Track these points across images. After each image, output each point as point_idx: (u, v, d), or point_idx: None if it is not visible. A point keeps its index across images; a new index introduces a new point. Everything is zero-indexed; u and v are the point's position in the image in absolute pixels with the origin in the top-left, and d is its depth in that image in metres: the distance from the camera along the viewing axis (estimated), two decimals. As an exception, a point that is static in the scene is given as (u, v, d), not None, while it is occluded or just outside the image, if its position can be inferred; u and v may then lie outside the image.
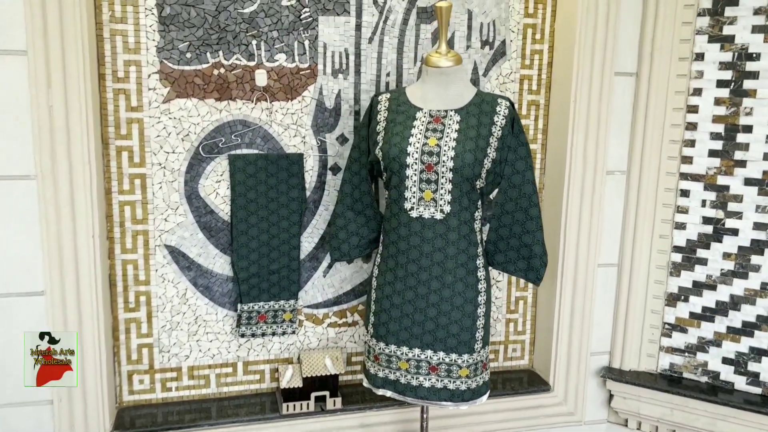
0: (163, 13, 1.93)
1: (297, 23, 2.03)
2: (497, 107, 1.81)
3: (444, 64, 1.78)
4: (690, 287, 2.29)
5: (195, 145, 2.03)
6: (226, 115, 2.04)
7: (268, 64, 2.04)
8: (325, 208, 2.19)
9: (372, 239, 1.97)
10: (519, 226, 1.85)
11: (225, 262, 2.12)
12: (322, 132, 2.13)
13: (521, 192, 1.83)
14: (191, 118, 2.01)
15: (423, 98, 1.82)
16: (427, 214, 1.74)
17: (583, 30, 2.13)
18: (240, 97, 2.04)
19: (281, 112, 2.08)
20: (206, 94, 2.01)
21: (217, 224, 2.10)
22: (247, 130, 2.06)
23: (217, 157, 2.05)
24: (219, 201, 2.08)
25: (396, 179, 1.76)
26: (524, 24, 2.25)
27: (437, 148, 1.73)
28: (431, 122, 1.77)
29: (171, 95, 1.98)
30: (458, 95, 1.81)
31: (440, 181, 1.73)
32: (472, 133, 1.75)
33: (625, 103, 2.26)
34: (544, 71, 2.30)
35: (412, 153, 1.73)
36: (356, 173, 1.93)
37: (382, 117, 1.85)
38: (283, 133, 2.10)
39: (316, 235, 2.20)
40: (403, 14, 2.12)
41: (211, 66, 1.99)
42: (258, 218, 2.08)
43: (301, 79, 2.08)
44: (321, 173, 2.16)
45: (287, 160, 2.09)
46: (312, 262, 2.21)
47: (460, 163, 1.71)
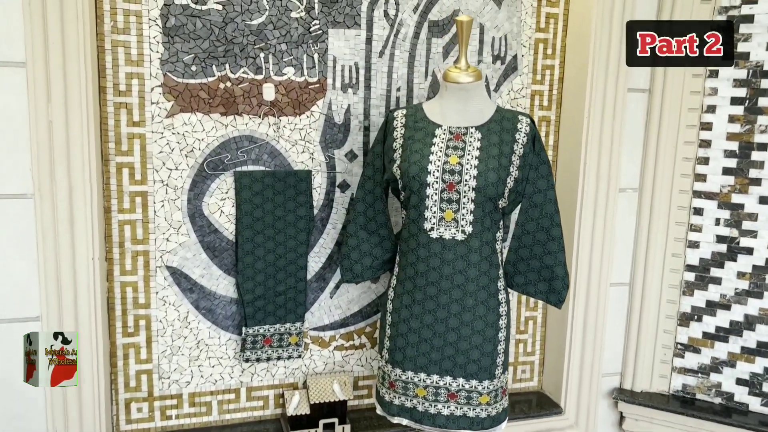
0: (168, 24, 1.84)
1: (306, 36, 1.96)
2: (518, 124, 1.75)
3: (464, 79, 1.73)
4: (703, 307, 2.25)
5: (199, 161, 1.94)
6: (232, 130, 1.95)
7: (276, 78, 1.96)
8: (332, 227, 2.11)
9: (386, 260, 1.89)
10: (540, 247, 1.79)
11: (229, 283, 2.03)
12: (331, 148, 2.06)
13: (543, 211, 1.78)
14: (196, 133, 1.92)
15: (442, 114, 1.76)
16: (448, 235, 1.68)
17: (597, 46, 2.10)
18: (247, 111, 1.96)
19: (289, 127, 2.00)
20: (212, 109, 1.92)
21: (222, 244, 2.01)
22: (254, 146, 1.98)
23: (223, 174, 1.97)
24: (224, 220, 1.99)
25: (415, 199, 1.69)
26: (536, 39, 2.20)
27: (459, 166, 1.67)
28: (451, 139, 1.71)
29: (175, 109, 1.89)
30: (479, 112, 1.75)
31: (462, 201, 1.66)
32: (494, 151, 1.69)
33: (637, 119, 2.23)
34: (555, 87, 2.26)
35: (432, 171, 1.67)
36: (370, 191, 1.86)
37: (398, 134, 1.78)
38: (291, 149, 2.02)
39: (323, 254, 2.12)
40: (414, 28, 2.06)
41: (217, 79, 1.91)
42: (264, 237, 2.00)
43: (310, 93, 2.01)
44: (329, 190, 2.09)
45: (295, 177, 2.01)
46: (319, 283, 2.13)
47: (483, 183, 1.65)
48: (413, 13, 2.05)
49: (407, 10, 2.04)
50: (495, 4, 2.13)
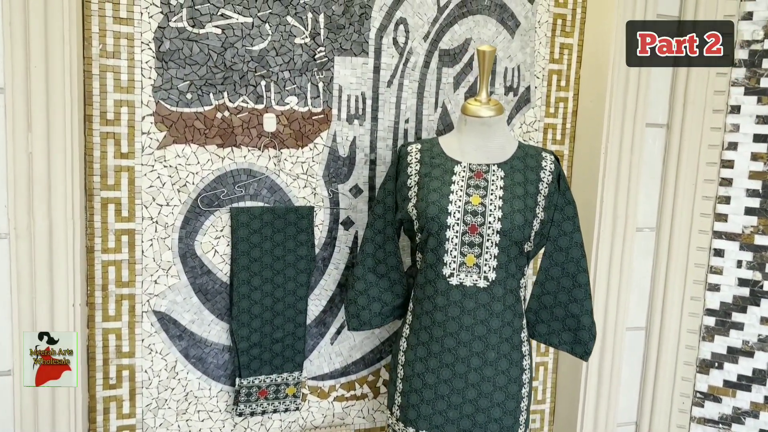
0: (162, 48, 1.70)
1: (311, 63, 1.83)
2: (542, 162, 1.63)
3: (485, 113, 1.60)
4: (724, 353, 2.13)
5: (193, 196, 1.78)
6: (229, 163, 1.80)
7: (278, 108, 1.82)
8: (335, 267, 1.96)
9: (396, 306, 1.74)
10: (565, 294, 1.66)
11: (222, 329, 1.86)
12: (335, 183, 1.92)
13: (568, 256, 1.65)
14: (189, 166, 1.77)
15: (461, 150, 1.63)
16: (469, 282, 1.54)
17: (615, 78, 1.99)
18: (245, 143, 1.81)
19: (290, 160, 1.86)
20: (207, 140, 1.77)
21: (215, 286, 1.84)
22: (253, 180, 1.83)
23: (218, 210, 1.81)
24: (218, 260, 1.83)
25: (434, 242, 1.55)
26: (549, 70, 2.10)
27: (482, 207, 1.53)
28: (472, 178, 1.58)
29: (167, 140, 1.74)
30: (500, 148, 1.62)
31: (485, 245, 1.53)
32: (519, 191, 1.56)
33: (655, 156, 2.13)
34: (569, 120, 2.15)
35: (453, 212, 1.53)
36: (380, 231, 1.71)
37: (413, 170, 1.64)
38: (292, 183, 1.87)
39: (324, 296, 1.96)
40: (425, 57, 1.94)
41: (214, 108, 1.76)
42: (262, 279, 1.84)
43: (314, 124, 1.87)
44: (332, 228, 1.94)
45: (296, 214, 1.86)
46: (319, 328, 1.97)
47: (509, 225, 1.52)
48: (423, 41, 1.93)
49: (417, 38, 1.92)
50: (508, 33, 2.02)
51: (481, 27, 1.99)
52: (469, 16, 1.97)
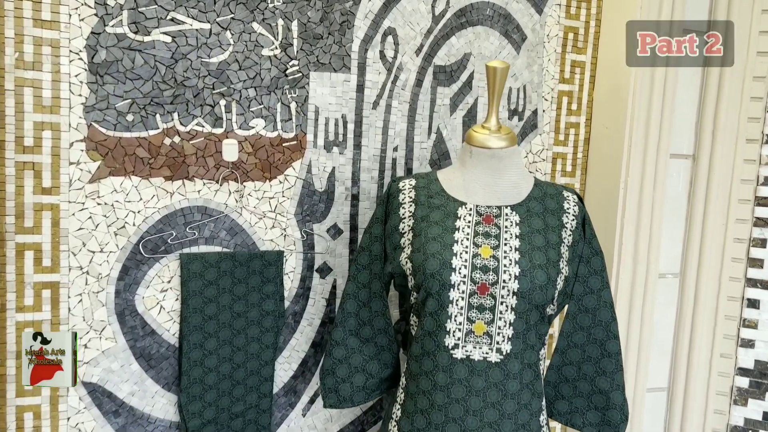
0: (96, 59, 1.37)
1: (281, 80, 1.52)
2: (564, 203, 1.33)
3: (495, 144, 1.30)
4: (759, 419, 1.84)
5: (133, 241, 1.45)
6: (179, 199, 1.47)
7: (241, 132, 1.50)
8: (308, 323, 1.63)
9: (384, 378, 1.42)
10: (592, 365, 1.36)
11: (169, 402, 1.52)
12: (309, 222, 1.60)
13: (596, 318, 1.35)
14: (130, 203, 1.44)
15: (465, 189, 1.32)
16: (478, 355, 1.22)
17: (638, 101, 1.72)
18: (200, 175, 1.48)
19: (256, 195, 1.54)
20: (153, 171, 1.44)
21: (161, 350, 1.50)
22: (209, 219, 1.50)
23: (164, 257, 1.48)
24: (164, 318, 1.49)
25: (434, 304, 1.23)
26: (559, 91, 1.81)
27: (493, 261, 1.22)
28: (480, 223, 1.27)
29: (102, 172, 1.41)
30: (513, 186, 1.32)
31: (499, 309, 1.22)
32: (538, 241, 1.26)
33: (679, 191, 1.85)
34: (580, 149, 1.86)
35: (458, 268, 1.22)
36: (365, 285, 1.39)
37: (406, 211, 1.33)
38: (257, 223, 1.55)
39: (295, 359, 1.63)
40: (417, 73, 1.64)
41: (161, 133, 1.44)
42: (218, 342, 1.50)
43: (284, 152, 1.55)
44: (305, 276, 1.61)
45: (261, 261, 1.53)
46: (288, 397, 1.64)
47: (529, 285, 1.21)
48: (415, 55, 1.63)
49: (408, 51, 1.63)
50: (513, 48, 1.73)
51: (482, 40, 1.70)
52: (468, 27, 1.68)
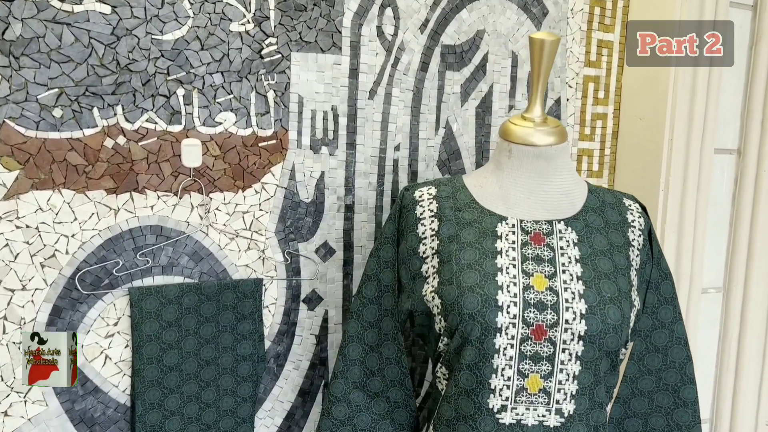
0: (8, 35, 1.03)
1: (256, 62, 1.19)
2: (627, 214, 1.05)
3: (542, 140, 1.00)
4: (817, 453, 1.61)
5: (66, 274, 1.11)
6: (126, 218, 1.14)
7: (205, 130, 1.17)
8: (294, 366, 1.32)
9: (399, 442, 1.12)
10: (662, 418, 1.08)
11: (120, 478, 1.19)
12: (294, 241, 1.28)
13: (667, 359, 1.07)
14: (61, 225, 1.10)
15: (504, 198, 1.02)
16: (533, 419, 0.93)
17: (680, 87, 1.45)
18: (153, 186, 1.15)
19: (225, 210, 1.21)
20: (91, 183, 1.11)
21: (107, 413, 1.17)
22: (166, 243, 1.17)
23: (109, 293, 1.14)
24: (110, 371, 1.16)
25: (473, 353, 0.93)
26: (584, 76, 1.54)
27: (551, 295, 0.93)
28: (528, 244, 0.97)
29: (21, 185, 1.06)
30: (565, 194, 1.03)
31: (559, 358, 0.92)
32: (605, 265, 0.97)
33: (723, 192, 1.59)
34: (608, 144, 1.59)
35: (505, 305, 0.92)
36: (372, 325, 1.08)
37: (427, 229, 1.03)
38: (228, 245, 1.22)
39: (278, 411, 1.32)
40: (422, 55, 1.34)
41: (100, 132, 1.10)
42: (182, 399, 1.18)
43: (261, 154, 1.23)
44: (290, 308, 1.30)
45: (235, 293, 1.21)
46: (272, 458, 1.32)
47: (600, 326, 0.92)
48: (419, 32, 1.33)
49: (411, 27, 1.32)
50: (533, 23, 1.44)
51: (498, 15, 1.41)
52: (481, -2, 1.38)
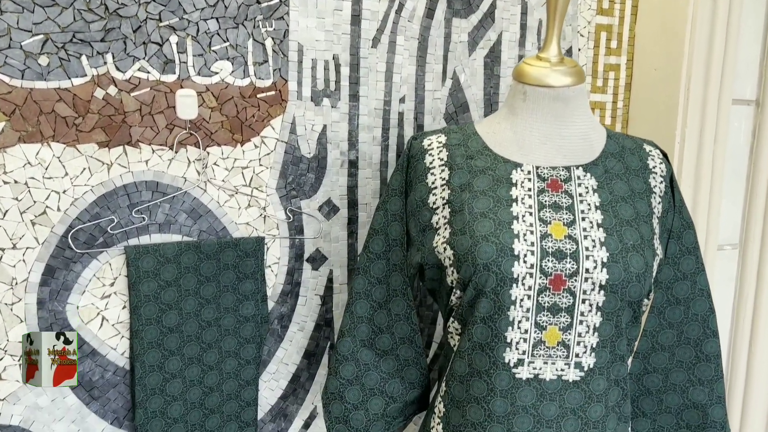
0: (-11, -24, 0.96)
1: (252, 8, 1.13)
2: (648, 160, 1.00)
3: (559, 80, 0.94)
4: (834, 412, 1.58)
5: (59, 232, 1.06)
6: (120, 173, 1.08)
7: (200, 80, 1.11)
8: (299, 328, 1.27)
9: (410, 401, 1.07)
10: (683, 373, 1.04)
11: (121, 443, 1.15)
12: (296, 198, 1.23)
13: (689, 312, 1.02)
14: (51, 181, 1.04)
15: (518, 144, 0.96)
16: (551, 373, 0.88)
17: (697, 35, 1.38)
18: (147, 139, 1.09)
19: (224, 165, 1.16)
20: (81, 136, 1.05)
21: (105, 376, 1.12)
22: (162, 199, 1.12)
23: (104, 252, 1.09)
24: (108, 333, 1.11)
25: (488, 306, 0.88)
26: (596, 25, 1.47)
27: (570, 243, 0.88)
28: (545, 191, 0.92)
29: (8, 138, 1.01)
30: (583, 139, 0.97)
31: (579, 309, 0.87)
32: (626, 212, 0.92)
33: (740, 145, 1.53)
34: (621, 96, 1.53)
35: (522, 254, 0.87)
36: (380, 281, 1.04)
37: (437, 179, 0.97)
38: (228, 202, 1.17)
39: (283, 374, 1.28)
40: (427, 0, 1.27)
41: (90, 82, 1.04)
42: (183, 361, 1.14)
43: (260, 106, 1.17)
44: (293, 268, 1.25)
45: (236, 251, 1.16)
46: (277, 423, 1.28)
47: (622, 274, 0.87)
48: (424, -23, 1.26)
49: (415, -28, 1.25)
50: (543, -31, 1.38)
51: (506, -42, 1.34)
52: (488, -59, 1.31)
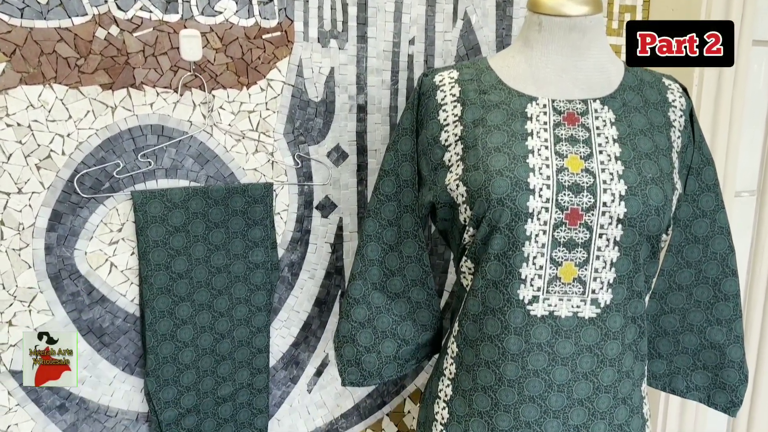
0: None
1: (256, -56, 1.09)
2: (668, 94, 0.97)
3: (574, 9, 0.91)
4: None
5: (64, 176, 1.04)
6: (124, 116, 1.06)
7: (204, 20, 1.08)
8: (309, 275, 1.26)
9: (423, 343, 1.06)
10: (701, 312, 1.02)
11: (134, 389, 1.15)
12: (304, 144, 1.20)
13: (708, 250, 1.00)
14: (54, 124, 1.02)
15: (533, 78, 0.93)
16: (566, 310, 0.87)
17: (717, -29, 1.34)
18: (151, 81, 1.07)
19: (230, 108, 1.13)
20: (84, 78, 1.03)
21: (116, 323, 1.12)
22: (168, 143, 1.10)
23: (110, 197, 1.08)
24: (117, 279, 1.11)
25: (501, 242, 0.86)
26: (611, -36, 1.42)
27: (587, 176, 0.85)
28: (561, 125, 0.89)
29: (9, 79, 0.99)
30: (600, 71, 0.94)
31: (596, 244, 0.85)
32: (645, 145, 0.89)
33: (758, 88, 1.49)
34: (636, 40, 1.48)
35: (537, 188, 0.84)
36: (391, 223, 1.02)
37: (449, 115, 0.94)
38: (235, 147, 1.15)
39: (294, 322, 1.27)
40: (436, -62, 1.23)
41: (91, 22, 1.01)
42: (193, 307, 1.13)
43: (265, 48, 1.14)
44: (303, 215, 1.23)
45: (244, 197, 1.14)
46: (289, 370, 1.28)
47: (641, 207, 0.84)
48: None
49: None
50: None
51: None
52: None
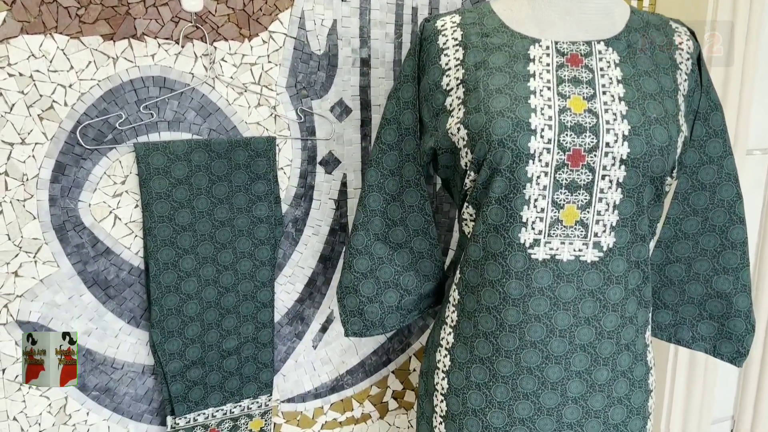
0: None
1: None
2: (675, 37, 0.94)
3: (578, -52, 0.89)
4: None
5: (66, 127, 1.04)
6: (126, 67, 1.06)
7: (205, -30, 1.08)
8: (313, 231, 1.26)
9: (425, 294, 1.06)
10: (707, 261, 1.00)
11: (139, 341, 1.16)
12: (307, 98, 1.20)
13: (715, 197, 0.98)
14: (56, 74, 1.02)
15: (536, 19, 0.91)
16: (568, 254, 0.86)
17: None
18: (152, 32, 1.06)
19: (232, 61, 1.13)
20: (85, 28, 1.02)
21: (120, 275, 1.13)
22: (170, 95, 1.10)
23: (113, 149, 1.08)
24: (121, 231, 1.11)
25: (502, 184, 0.85)
26: None
27: (590, 117, 0.84)
28: (564, 66, 0.88)
29: (10, 29, 0.99)
30: (604, 13, 0.92)
31: (599, 186, 0.84)
32: (650, 86, 0.87)
33: (773, 43, 1.47)
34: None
35: (539, 129, 0.83)
36: (392, 172, 1.01)
37: (451, 59, 0.93)
38: (237, 100, 1.14)
39: (299, 277, 1.27)
40: None
41: (90, -30, 1.01)
42: (197, 260, 1.13)
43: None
44: (306, 171, 1.23)
45: (247, 151, 1.14)
46: (294, 326, 1.29)
47: (644, 147, 0.83)
48: None
49: None
50: None
51: None
52: None
